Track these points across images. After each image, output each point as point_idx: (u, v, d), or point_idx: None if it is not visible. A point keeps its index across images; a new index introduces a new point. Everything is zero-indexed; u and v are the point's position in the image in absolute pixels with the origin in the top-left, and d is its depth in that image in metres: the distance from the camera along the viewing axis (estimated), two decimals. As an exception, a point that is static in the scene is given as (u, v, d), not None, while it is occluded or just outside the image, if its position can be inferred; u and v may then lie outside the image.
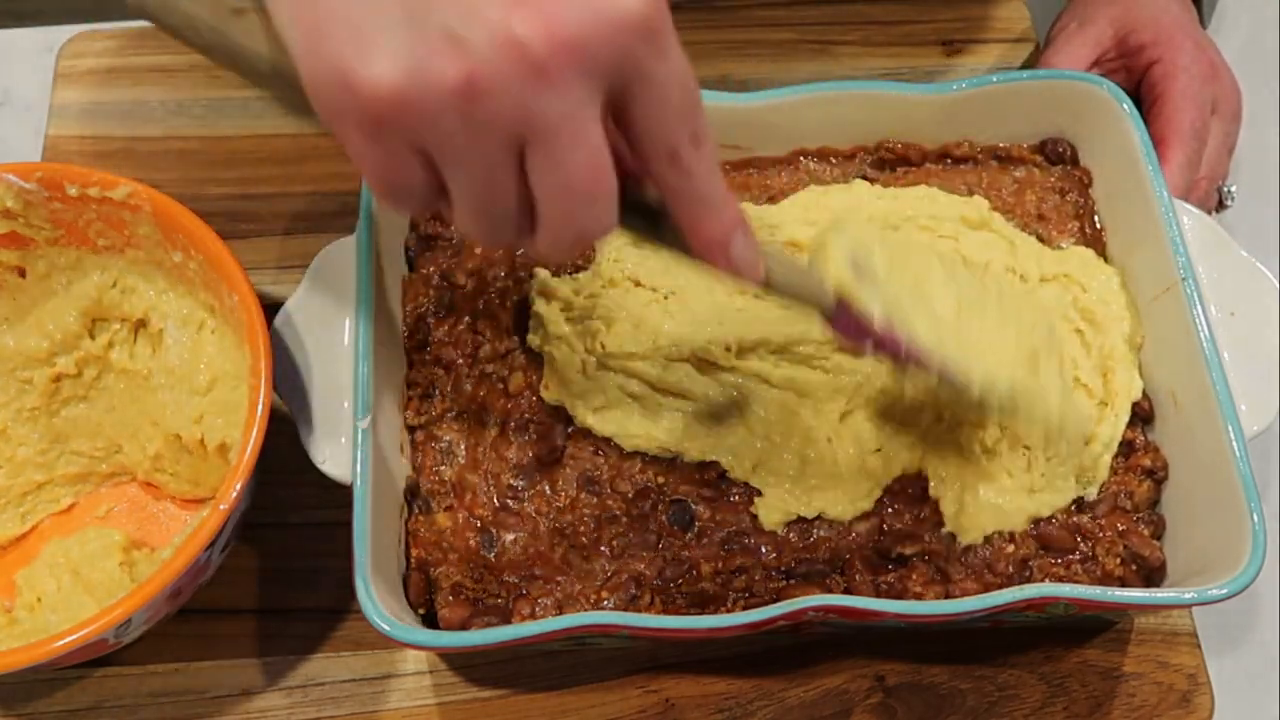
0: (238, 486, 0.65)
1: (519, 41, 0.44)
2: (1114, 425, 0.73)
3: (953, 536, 0.71)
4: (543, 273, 0.77)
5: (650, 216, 0.55)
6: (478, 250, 0.79)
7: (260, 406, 0.66)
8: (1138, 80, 0.89)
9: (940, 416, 0.73)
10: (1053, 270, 0.77)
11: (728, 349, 0.74)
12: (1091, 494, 0.73)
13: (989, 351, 0.65)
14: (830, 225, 0.64)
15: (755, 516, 0.72)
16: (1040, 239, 0.80)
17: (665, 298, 0.76)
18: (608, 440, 0.73)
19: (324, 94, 0.47)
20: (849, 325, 0.62)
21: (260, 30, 0.50)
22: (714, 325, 0.75)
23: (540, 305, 0.75)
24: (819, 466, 0.72)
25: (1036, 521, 0.72)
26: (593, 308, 0.75)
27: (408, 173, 0.49)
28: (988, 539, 0.71)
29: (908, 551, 0.71)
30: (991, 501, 0.71)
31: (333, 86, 0.46)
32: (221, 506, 0.64)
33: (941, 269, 0.67)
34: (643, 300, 0.76)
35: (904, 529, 0.72)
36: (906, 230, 0.79)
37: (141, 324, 0.79)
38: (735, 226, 0.55)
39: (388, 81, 0.45)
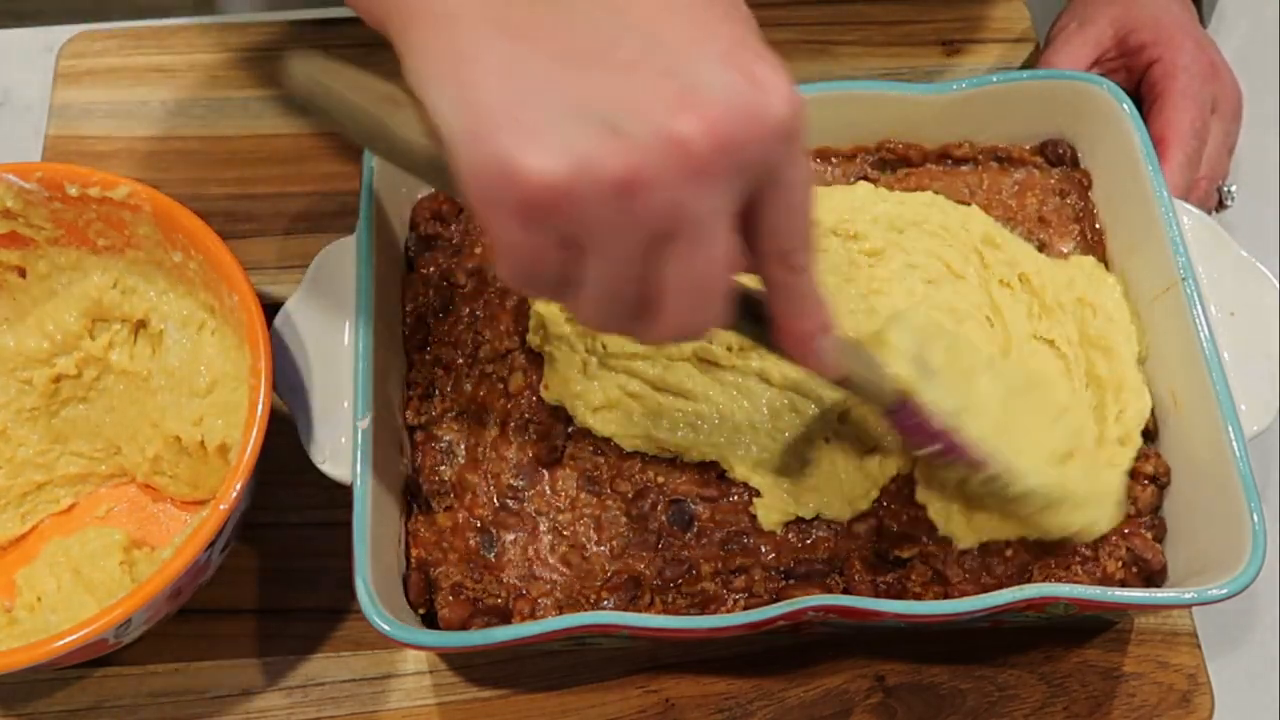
0: (238, 486, 0.65)
1: (681, 140, 0.45)
2: (1127, 455, 0.72)
3: (949, 540, 0.71)
4: (543, 273, 0.77)
5: (738, 302, 0.56)
6: (477, 250, 0.79)
7: (260, 406, 0.66)
8: (1138, 80, 0.89)
9: None
10: (1066, 296, 0.77)
11: (729, 348, 0.74)
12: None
13: (1029, 446, 0.67)
14: (892, 317, 0.65)
15: (755, 516, 0.72)
16: (1042, 243, 0.80)
17: None
18: (608, 440, 0.73)
19: (483, 182, 0.47)
20: (910, 423, 0.64)
21: (415, 121, 0.52)
22: None
23: (540, 305, 0.75)
24: (817, 467, 0.72)
25: None
26: None
27: (550, 261, 0.49)
28: (985, 544, 0.71)
29: (905, 555, 0.71)
30: (980, 521, 0.71)
31: (494, 175, 0.46)
32: (221, 506, 0.64)
33: (986, 361, 0.68)
34: None
35: (901, 531, 0.72)
36: (912, 235, 0.78)
37: (142, 325, 0.79)
38: (826, 326, 0.57)
39: (551, 173, 0.45)
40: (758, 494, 0.72)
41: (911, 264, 0.78)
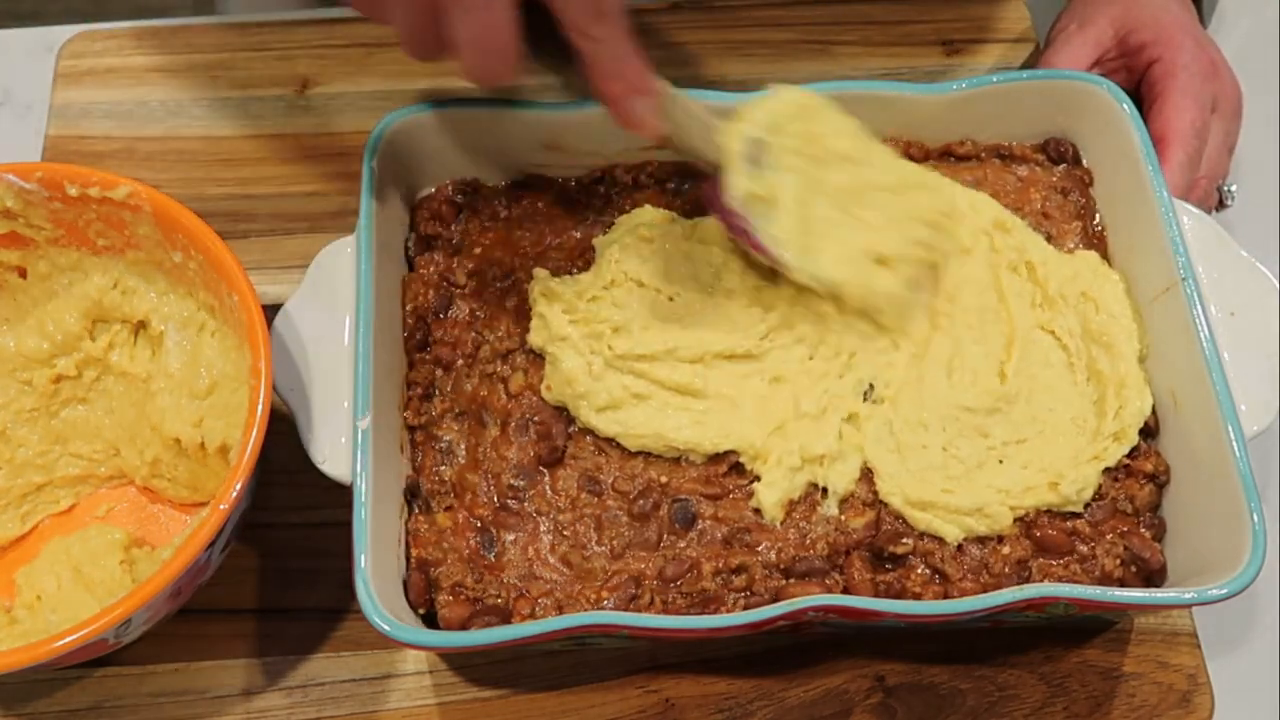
0: (238, 486, 0.65)
1: None
2: (1117, 452, 0.73)
3: (940, 538, 0.71)
4: (542, 273, 0.77)
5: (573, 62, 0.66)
6: (477, 250, 0.79)
7: (260, 406, 0.66)
8: (1138, 80, 0.89)
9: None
10: (1070, 289, 0.77)
11: (763, 338, 0.75)
12: (1076, 506, 0.72)
13: (849, 239, 0.73)
14: (756, 98, 0.72)
15: (757, 510, 0.72)
16: (1047, 237, 0.80)
17: (671, 299, 0.76)
18: (610, 440, 0.73)
19: None
20: (713, 194, 0.72)
21: None
22: (725, 328, 0.75)
23: (542, 306, 0.75)
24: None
25: (1027, 525, 0.72)
26: (597, 310, 0.75)
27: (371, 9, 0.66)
28: (981, 539, 0.71)
29: (899, 550, 0.71)
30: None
31: None
32: (221, 506, 0.64)
33: (856, 153, 0.75)
34: (646, 300, 0.76)
35: (894, 528, 0.72)
36: (915, 196, 0.79)
37: (142, 326, 0.79)
38: (636, 91, 0.66)
39: None
40: (758, 479, 0.72)
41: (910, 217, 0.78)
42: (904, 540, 0.71)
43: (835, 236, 0.73)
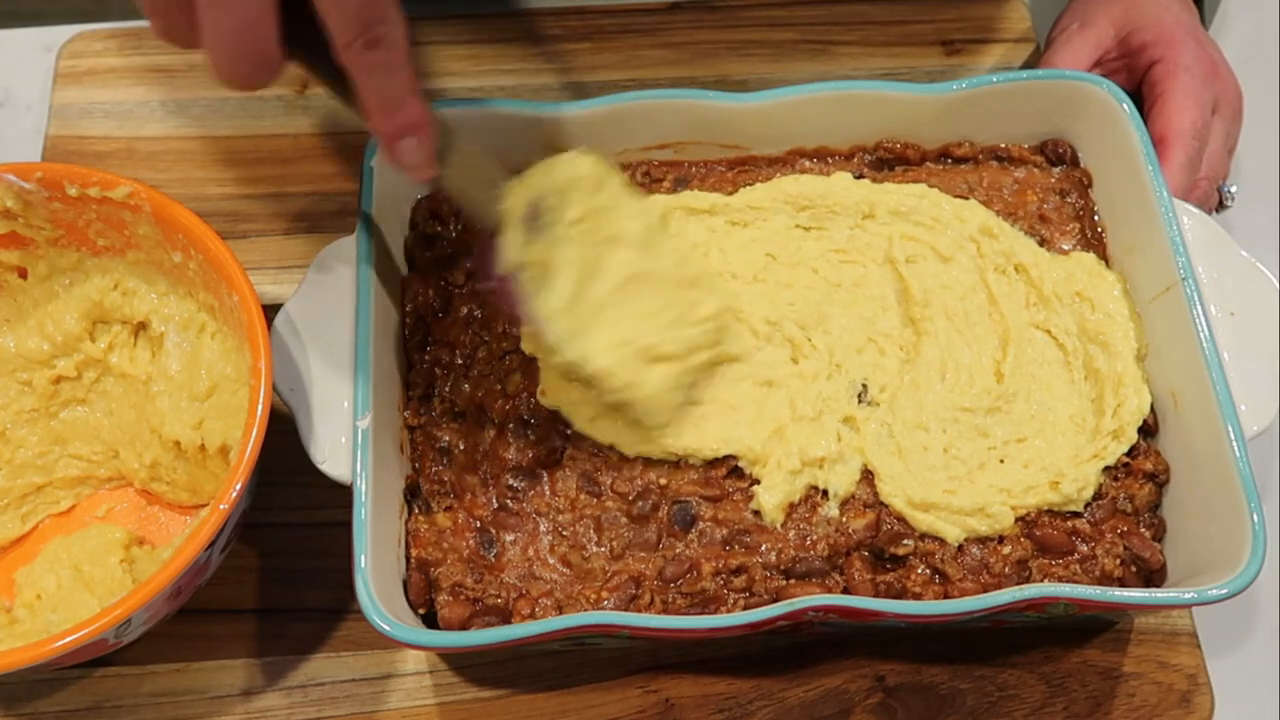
0: (238, 486, 0.65)
1: None
2: (1116, 450, 0.73)
3: (941, 539, 0.71)
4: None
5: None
6: (475, 250, 0.79)
7: (260, 406, 0.66)
8: (1139, 80, 0.89)
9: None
10: (1064, 289, 0.77)
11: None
12: (1077, 505, 0.72)
13: (625, 329, 0.69)
14: (542, 164, 0.68)
15: (757, 512, 0.72)
16: (1042, 239, 0.80)
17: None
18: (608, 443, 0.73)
19: None
20: (484, 257, 0.67)
21: None
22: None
23: (527, 312, 0.76)
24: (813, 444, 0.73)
25: (1028, 524, 0.72)
26: None
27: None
28: (982, 539, 0.71)
29: (900, 551, 0.71)
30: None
31: None
32: (221, 506, 0.64)
33: (633, 244, 0.70)
34: None
35: (895, 529, 0.72)
36: (898, 226, 0.79)
37: (142, 327, 0.79)
38: (406, 130, 0.62)
39: None
40: (757, 482, 0.72)
41: (870, 244, 0.79)
42: (905, 541, 0.71)
43: (608, 322, 0.69)
